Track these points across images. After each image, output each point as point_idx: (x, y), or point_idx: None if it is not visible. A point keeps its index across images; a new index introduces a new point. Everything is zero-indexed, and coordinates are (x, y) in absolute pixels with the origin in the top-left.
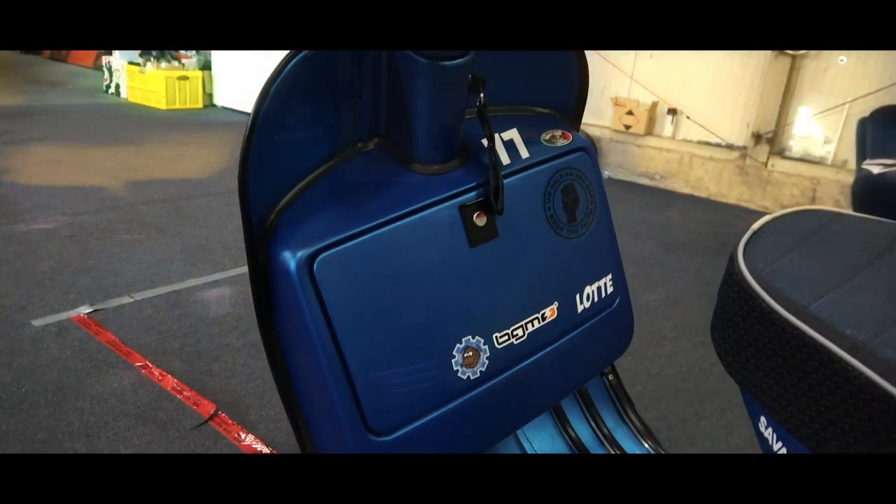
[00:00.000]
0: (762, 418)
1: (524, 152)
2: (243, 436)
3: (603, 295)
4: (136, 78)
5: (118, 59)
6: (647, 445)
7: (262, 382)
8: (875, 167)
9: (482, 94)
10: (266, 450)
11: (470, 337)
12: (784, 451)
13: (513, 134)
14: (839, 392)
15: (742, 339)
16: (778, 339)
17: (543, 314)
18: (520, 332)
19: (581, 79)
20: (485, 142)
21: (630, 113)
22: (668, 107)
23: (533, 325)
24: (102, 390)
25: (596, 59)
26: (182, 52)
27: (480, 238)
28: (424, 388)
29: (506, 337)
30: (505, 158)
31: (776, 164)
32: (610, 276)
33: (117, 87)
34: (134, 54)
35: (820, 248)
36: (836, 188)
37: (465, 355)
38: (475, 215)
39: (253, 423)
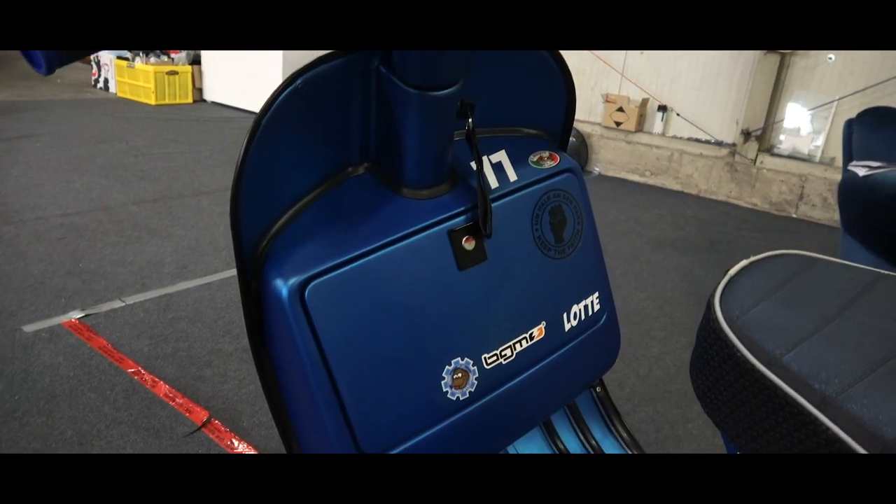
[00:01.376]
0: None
1: (512, 175)
2: (236, 443)
3: (590, 313)
4: (125, 73)
5: (107, 54)
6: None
7: (254, 388)
8: (860, 169)
9: (470, 120)
10: None
11: (459, 358)
12: None
13: (501, 156)
14: (808, 444)
15: (718, 383)
16: (751, 388)
17: (531, 334)
18: (508, 352)
19: (568, 99)
20: (473, 164)
21: (620, 109)
22: (658, 103)
23: (521, 345)
24: (95, 398)
25: (587, 56)
26: None
27: (469, 262)
28: (415, 409)
29: (494, 357)
30: (493, 181)
31: (765, 161)
32: (597, 294)
33: (106, 81)
34: None
35: (794, 295)
36: (824, 185)
37: (455, 376)
38: (464, 239)
39: (245, 430)
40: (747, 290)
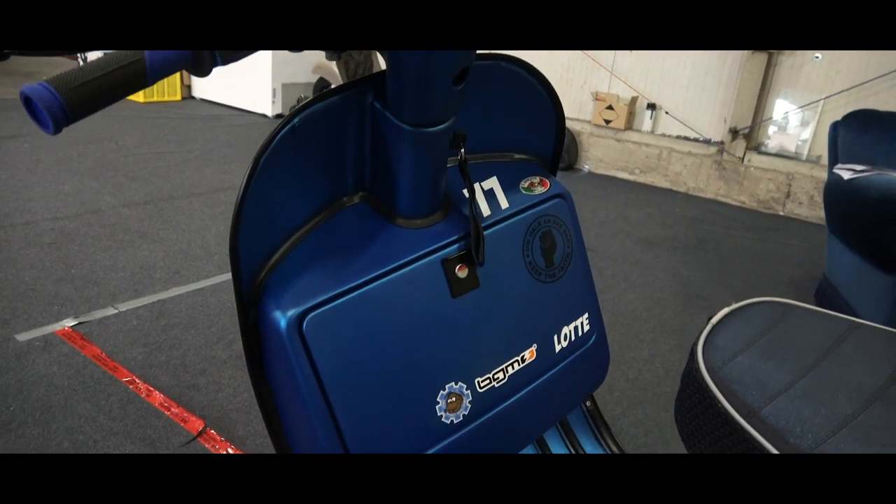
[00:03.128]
0: None
1: (504, 202)
2: (232, 452)
3: (580, 333)
4: None
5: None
6: None
7: (248, 396)
8: (846, 172)
9: (462, 150)
10: None
11: (453, 383)
12: None
13: (493, 183)
14: None
15: (700, 429)
16: (730, 438)
17: (523, 356)
18: (500, 374)
19: (557, 123)
20: (466, 192)
21: (610, 107)
22: (647, 101)
23: (513, 368)
24: (90, 408)
25: (576, 55)
26: None
27: (462, 289)
28: (411, 434)
29: (487, 381)
30: (485, 209)
31: (752, 160)
32: (586, 315)
33: None
34: None
35: (772, 346)
36: (811, 183)
37: (449, 401)
38: (457, 268)
39: (241, 439)
40: (728, 340)
